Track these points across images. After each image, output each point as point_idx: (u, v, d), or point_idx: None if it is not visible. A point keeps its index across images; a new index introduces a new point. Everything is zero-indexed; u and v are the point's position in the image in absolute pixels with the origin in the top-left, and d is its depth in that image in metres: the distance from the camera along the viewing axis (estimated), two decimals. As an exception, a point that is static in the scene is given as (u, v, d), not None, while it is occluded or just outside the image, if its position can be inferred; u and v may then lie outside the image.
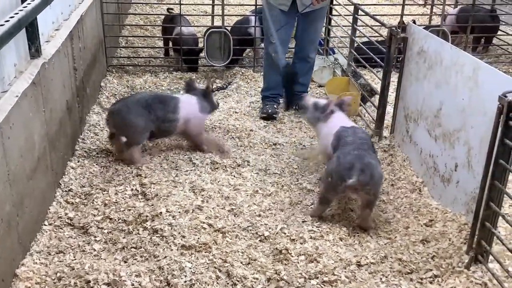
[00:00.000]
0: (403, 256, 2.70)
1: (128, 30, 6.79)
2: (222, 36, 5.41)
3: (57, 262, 2.63)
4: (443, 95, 3.17)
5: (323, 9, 4.47)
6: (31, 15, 2.38)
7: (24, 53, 2.78)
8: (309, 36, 4.54)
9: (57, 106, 3.23)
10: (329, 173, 2.99)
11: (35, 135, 2.78)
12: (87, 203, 3.12)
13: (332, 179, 2.94)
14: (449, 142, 3.06)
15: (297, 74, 4.34)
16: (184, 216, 2.95)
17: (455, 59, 3.05)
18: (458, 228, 2.85)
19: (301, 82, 4.71)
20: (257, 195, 3.32)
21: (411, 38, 3.60)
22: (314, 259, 2.67)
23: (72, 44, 3.64)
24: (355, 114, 4.60)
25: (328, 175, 2.99)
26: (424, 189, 3.32)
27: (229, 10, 7.37)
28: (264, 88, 4.72)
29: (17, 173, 2.49)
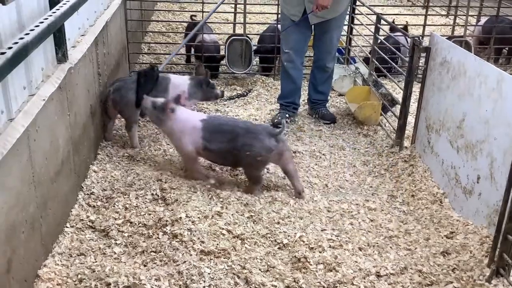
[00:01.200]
0: (423, 268, 2.68)
1: (151, 37, 6.88)
2: (244, 44, 5.45)
3: (78, 264, 2.66)
4: (466, 106, 3.14)
5: (337, 19, 4.42)
6: (60, 21, 2.44)
7: (51, 58, 2.84)
8: (324, 46, 4.56)
9: (81, 110, 3.28)
10: (257, 153, 3.25)
11: (60, 139, 2.83)
12: (108, 206, 3.16)
13: (262, 157, 3.23)
14: (472, 154, 3.03)
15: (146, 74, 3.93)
16: (204, 221, 2.96)
17: (479, 70, 3.03)
18: (480, 240, 2.81)
19: (320, 90, 4.72)
20: (276, 202, 3.32)
21: (434, 48, 3.58)
22: (333, 268, 2.66)
23: (97, 50, 3.71)
24: (375, 124, 4.58)
25: (257, 156, 3.24)
26: (445, 200, 3.28)
27: (250, 18, 7.42)
28: (279, 96, 4.77)
29: (41, 175, 2.54)
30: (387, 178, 3.76)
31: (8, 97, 2.25)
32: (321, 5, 4.12)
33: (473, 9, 7.05)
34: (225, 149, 3.30)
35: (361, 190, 3.63)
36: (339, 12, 4.38)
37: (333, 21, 4.40)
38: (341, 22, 4.50)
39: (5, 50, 1.87)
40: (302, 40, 4.51)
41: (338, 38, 4.60)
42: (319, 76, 4.70)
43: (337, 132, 4.54)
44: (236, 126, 3.33)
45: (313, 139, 4.38)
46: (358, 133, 4.51)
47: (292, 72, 4.56)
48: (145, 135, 4.21)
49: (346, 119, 4.77)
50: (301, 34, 4.46)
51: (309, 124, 4.66)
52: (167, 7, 8.20)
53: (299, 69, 4.59)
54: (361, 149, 4.23)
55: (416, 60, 3.74)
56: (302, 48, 4.57)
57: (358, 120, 4.63)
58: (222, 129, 3.32)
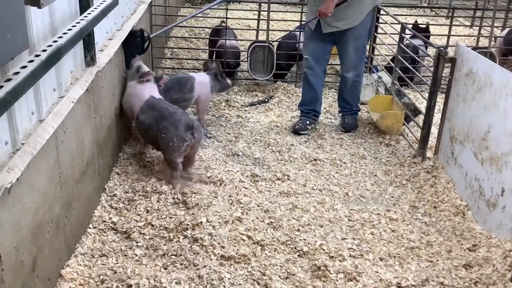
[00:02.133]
0: (445, 280, 2.65)
1: (174, 42, 6.95)
2: (266, 51, 5.47)
3: (100, 265, 2.70)
4: (491, 117, 3.11)
5: (354, 30, 4.39)
6: (91, 25, 2.48)
7: (80, 61, 2.89)
8: (341, 56, 4.63)
9: (106, 113, 3.33)
10: (170, 139, 3.40)
11: (86, 140, 2.87)
12: (130, 208, 3.19)
13: (173, 144, 3.39)
14: (497, 166, 3.00)
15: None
16: (224, 226, 2.98)
17: (505, 82, 3.00)
18: (503, 254, 2.78)
19: (343, 97, 4.73)
20: (296, 209, 3.32)
21: (460, 59, 3.56)
22: (353, 278, 2.65)
23: (123, 54, 3.76)
24: (397, 133, 4.55)
25: (170, 141, 3.39)
26: (468, 213, 3.25)
27: (272, 25, 7.44)
28: (300, 102, 4.83)
29: (67, 176, 2.58)
30: (409, 188, 3.73)
31: (39, 99, 2.29)
32: (323, 12, 4.26)
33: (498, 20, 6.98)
34: (148, 124, 3.56)
35: (382, 200, 3.61)
36: (355, 24, 4.36)
37: (349, 32, 4.39)
38: (358, 33, 4.42)
39: (39, 53, 1.92)
40: (321, 47, 4.55)
41: (357, 50, 4.50)
42: (341, 85, 4.73)
43: (358, 140, 4.52)
44: (166, 109, 3.56)
45: (334, 147, 4.37)
46: (379, 143, 4.48)
47: (312, 79, 4.62)
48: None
49: (367, 128, 4.75)
50: (320, 42, 4.52)
51: (330, 132, 4.65)
52: (191, 13, 8.27)
53: (318, 76, 4.62)
54: (383, 158, 4.21)
55: (441, 70, 3.72)
56: (322, 56, 4.60)
57: (380, 129, 4.60)
58: (155, 107, 3.60)
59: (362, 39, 4.52)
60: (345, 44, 4.48)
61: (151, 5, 5.19)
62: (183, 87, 4.28)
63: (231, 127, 4.60)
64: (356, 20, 4.36)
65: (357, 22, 4.37)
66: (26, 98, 2.15)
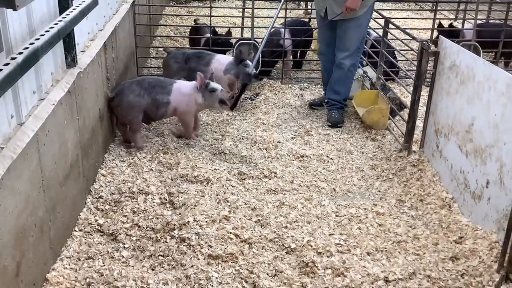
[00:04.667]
0: (432, 273, 2.66)
1: (159, 41, 6.91)
2: (251, 48, 5.45)
3: (86, 268, 2.68)
4: (475, 110, 3.13)
5: (357, 19, 4.50)
6: (70, 26, 2.45)
7: (60, 63, 2.86)
8: (341, 43, 4.64)
9: (90, 115, 3.30)
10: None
11: (69, 143, 2.85)
12: (117, 210, 3.17)
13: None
14: (481, 158, 3.02)
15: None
16: (211, 226, 2.97)
17: (488, 75, 3.01)
18: (489, 246, 2.79)
19: (335, 89, 4.73)
20: (284, 206, 3.32)
21: (443, 52, 3.57)
22: (341, 273, 2.65)
23: (106, 54, 3.73)
24: (383, 128, 4.57)
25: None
26: (454, 205, 3.27)
27: (258, 22, 7.43)
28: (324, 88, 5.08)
29: (50, 179, 2.55)
30: (396, 182, 3.74)
31: (18, 102, 2.27)
32: (350, 7, 4.36)
33: (482, 12, 7.03)
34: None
35: (369, 195, 3.62)
36: (359, 13, 4.48)
37: (352, 21, 4.52)
38: (361, 22, 4.56)
39: (15, 55, 1.89)
40: (332, 35, 4.71)
41: (359, 38, 4.62)
42: (335, 73, 4.74)
43: (344, 136, 4.53)
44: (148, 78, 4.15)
45: (320, 143, 4.38)
46: (366, 137, 4.49)
47: (326, 64, 4.88)
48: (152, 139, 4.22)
49: (354, 123, 4.76)
50: (330, 29, 4.68)
51: (316, 128, 4.65)
52: (175, 12, 8.24)
53: (332, 61, 4.78)
54: (369, 153, 4.22)
55: (424, 64, 3.73)
56: (331, 41, 4.75)
57: (366, 124, 4.62)
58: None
59: (363, 28, 4.63)
60: (348, 33, 4.57)
61: (134, 4, 5.15)
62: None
63: (218, 125, 4.58)
64: (361, 10, 4.44)
65: (362, 12, 4.47)
66: (5, 102, 2.12)
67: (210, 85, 4.05)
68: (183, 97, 4.05)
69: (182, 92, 4.05)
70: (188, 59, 4.85)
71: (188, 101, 4.06)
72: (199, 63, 4.81)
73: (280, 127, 4.66)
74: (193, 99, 4.06)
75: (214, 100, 4.08)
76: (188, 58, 4.85)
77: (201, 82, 4.01)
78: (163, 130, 4.36)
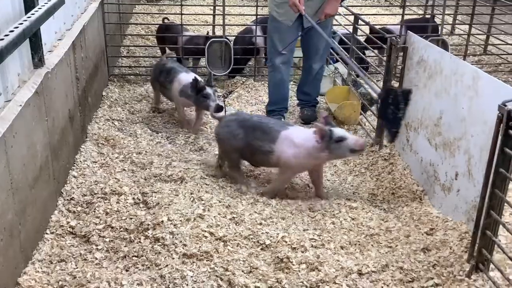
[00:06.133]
0: (404, 265, 2.71)
1: (130, 40, 6.84)
2: (223, 46, 5.44)
3: (59, 270, 2.64)
4: (443, 104, 3.19)
5: (327, 20, 4.48)
6: (35, 25, 2.41)
7: (27, 63, 2.81)
8: (312, 48, 4.57)
9: (59, 115, 3.25)
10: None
11: (38, 144, 2.80)
12: (89, 211, 3.13)
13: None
14: (450, 151, 3.08)
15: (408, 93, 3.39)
16: (186, 224, 2.95)
17: (455, 69, 3.08)
18: (459, 236, 2.85)
19: (305, 91, 4.75)
20: (258, 203, 3.33)
21: (411, 47, 3.63)
22: (315, 268, 2.67)
23: (75, 54, 3.67)
24: (355, 123, 4.62)
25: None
26: (425, 197, 3.33)
27: (229, 20, 7.41)
28: (269, 102, 4.67)
29: (19, 182, 2.51)
30: (368, 176, 3.79)
31: (-17, 103, 2.22)
32: (330, 14, 4.29)
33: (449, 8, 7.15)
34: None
35: (342, 189, 3.65)
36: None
37: (322, 24, 4.42)
38: (327, 24, 4.51)
39: (-22, 56, 1.85)
40: (294, 42, 4.50)
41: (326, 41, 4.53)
42: (304, 76, 4.73)
43: (317, 132, 4.55)
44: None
45: (294, 140, 4.39)
46: (338, 133, 4.53)
47: (285, 77, 4.56)
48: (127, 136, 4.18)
49: (326, 119, 4.79)
50: (294, 35, 4.44)
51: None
52: (146, 10, 8.16)
53: (290, 69, 4.67)
54: (342, 148, 4.25)
55: (393, 59, 3.78)
56: (293, 50, 4.61)
57: (338, 120, 4.66)
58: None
59: (330, 29, 4.63)
60: (317, 36, 4.45)
61: (103, 3, 5.08)
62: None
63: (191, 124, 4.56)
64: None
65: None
66: (-31, 104, 2.08)
67: (335, 133, 3.18)
68: (294, 149, 3.29)
69: (293, 143, 3.30)
70: (161, 72, 4.63)
71: (299, 155, 3.28)
72: (166, 78, 4.55)
73: (253, 124, 4.65)
74: (309, 154, 3.26)
75: (345, 151, 3.20)
76: (161, 70, 4.65)
77: (322, 133, 3.16)
78: (135, 130, 4.32)
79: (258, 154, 3.42)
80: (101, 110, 4.66)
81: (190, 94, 4.23)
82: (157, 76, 4.66)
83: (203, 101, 4.13)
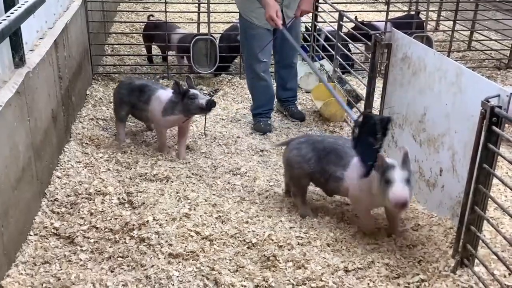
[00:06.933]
0: (390, 261, 2.72)
1: (114, 38, 6.78)
2: (208, 44, 5.42)
3: (43, 272, 2.61)
4: (427, 100, 3.20)
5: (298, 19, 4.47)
6: (15, 24, 2.37)
7: (8, 62, 2.77)
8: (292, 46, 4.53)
9: (42, 115, 3.21)
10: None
11: (20, 145, 2.76)
12: (73, 212, 3.09)
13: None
14: (434, 147, 3.09)
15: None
16: (171, 224, 2.94)
17: (438, 65, 3.09)
18: (444, 232, 2.87)
19: (288, 87, 4.73)
20: (244, 202, 3.32)
21: (395, 44, 3.64)
22: (301, 265, 2.67)
23: (57, 53, 3.63)
24: (341, 120, 4.63)
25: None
26: (410, 193, 3.34)
27: (215, 17, 7.39)
28: (255, 106, 4.58)
29: (1, 183, 2.47)
30: (354, 173, 3.79)
31: (-38, 104, 2.18)
32: (306, 11, 4.27)
33: (434, 4, 7.20)
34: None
35: (328, 187, 3.65)
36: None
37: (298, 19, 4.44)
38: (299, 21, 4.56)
39: (-45, 56, 1.81)
40: (270, 45, 4.41)
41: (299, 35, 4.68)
42: (286, 74, 4.69)
43: (304, 129, 4.56)
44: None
45: (280, 137, 4.39)
46: (324, 130, 4.54)
47: (269, 80, 4.47)
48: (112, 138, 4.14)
49: (312, 116, 4.80)
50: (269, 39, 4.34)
51: (275, 122, 4.67)
52: (130, 8, 8.09)
53: (270, 75, 4.54)
54: (328, 145, 4.26)
55: (378, 56, 3.79)
56: (270, 54, 4.54)
57: (324, 117, 4.66)
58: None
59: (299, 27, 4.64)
60: (296, 30, 4.46)
61: (86, 1, 5.03)
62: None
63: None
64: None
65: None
66: None
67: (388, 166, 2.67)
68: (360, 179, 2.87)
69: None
70: (132, 92, 3.95)
71: (363, 187, 2.87)
72: (139, 98, 3.90)
73: (239, 122, 4.65)
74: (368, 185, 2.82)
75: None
76: (131, 89, 3.96)
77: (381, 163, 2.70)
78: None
79: (330, 181, 3.04)
80: (85, 109, 4.62)
81: (175, 109, 3.74)
82: (125, 97, 3.97)
83: (192, 103, 3.67)
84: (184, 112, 3.75)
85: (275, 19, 3.97)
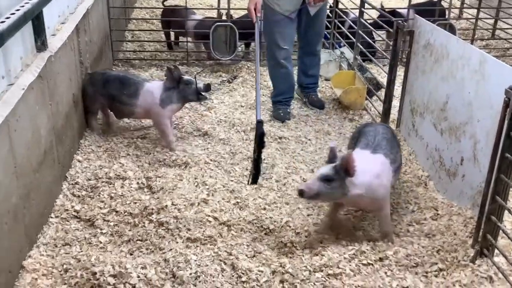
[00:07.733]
0: (408, 250, 2.70)
1: (134, 24, 6.80)
2: (228, 30, 5.40)
3: (63, 254, 2.65)
4: (449, 88, 3.15)
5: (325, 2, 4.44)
6: (37, 8, 2.39)
7: (30, 46, 2.79)
8: (315, 30, 4.50)
9: (63, 100, 3.24)
10: None
11: (42, 129, 2.79)
12: (93, 196, 3.14)
13: None
14: (455, 136, 3.05)
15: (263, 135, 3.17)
16: (190, 209, 2.96)
17: (461, 53, 3.03)
18: (464, 222, 2.84)
19: (310, 74, 4.70)
20: (262, 188, 3.32)
21: (418, 31, 3.58)
22: (319, 252, 2.67)
23: (78, 38, 3.65)
24: (361, 108, 4.59)
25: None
26: (430, 183, 3.31)
27: (235, 4, 7.35)
28: (275, 94, 4.58)
29: (23, 166, 2.51)
30: (373, 162, 3.76)
31: (-14, 87, 2.21)
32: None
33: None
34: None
35: (347, 175, 3.63)
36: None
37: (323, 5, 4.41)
38: (326, 4, 4.51)
39: (-21, 39, 1.84)
40: (294, 34, 4.43)
41: (325, 19, 4.61)
42: (309, 61, 4.66)
43: (322, 117, 4.53)
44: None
45: (298, 125, 4.38)
46: (343, 118, 4.51)
47: (290, 68, 4.45)
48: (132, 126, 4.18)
49: (332, 104, 4.76)
50: (293, 28, 4.37)
51: (295, 109, 4.65)
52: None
53: (291, 62, 4.51)
54: (347, 133, 4.23)
55: (400, 43, 3.74)
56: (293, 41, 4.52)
57: (344, 104, 4.63)
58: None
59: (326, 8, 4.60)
60: (320, 17, 4.42)
61: (107, -14, 5.05)
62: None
63: (195, 109, 4.54)
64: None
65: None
66: (-29, 87, 2.07)
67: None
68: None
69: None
70: (107, 82, 3.72)
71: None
72: (121, 91, 3.69)
73: (258, 109, 4.63)
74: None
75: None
76: (106, 81, 3.73)
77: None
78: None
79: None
80: (106, 94, 4.65)
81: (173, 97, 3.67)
82: (101, 89, 3.73)
83: (188, 90, 3.64)
84: (181, 100, 3.73)
85: (251, 12, 4.00)
